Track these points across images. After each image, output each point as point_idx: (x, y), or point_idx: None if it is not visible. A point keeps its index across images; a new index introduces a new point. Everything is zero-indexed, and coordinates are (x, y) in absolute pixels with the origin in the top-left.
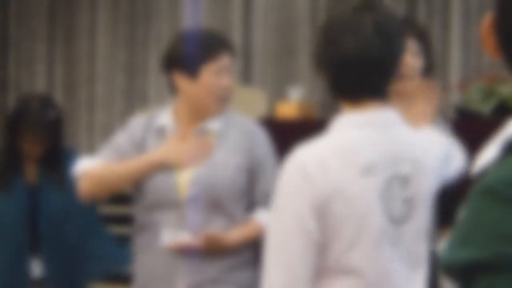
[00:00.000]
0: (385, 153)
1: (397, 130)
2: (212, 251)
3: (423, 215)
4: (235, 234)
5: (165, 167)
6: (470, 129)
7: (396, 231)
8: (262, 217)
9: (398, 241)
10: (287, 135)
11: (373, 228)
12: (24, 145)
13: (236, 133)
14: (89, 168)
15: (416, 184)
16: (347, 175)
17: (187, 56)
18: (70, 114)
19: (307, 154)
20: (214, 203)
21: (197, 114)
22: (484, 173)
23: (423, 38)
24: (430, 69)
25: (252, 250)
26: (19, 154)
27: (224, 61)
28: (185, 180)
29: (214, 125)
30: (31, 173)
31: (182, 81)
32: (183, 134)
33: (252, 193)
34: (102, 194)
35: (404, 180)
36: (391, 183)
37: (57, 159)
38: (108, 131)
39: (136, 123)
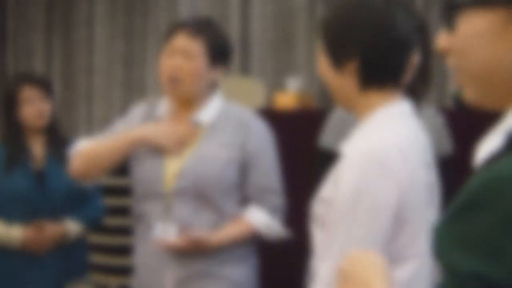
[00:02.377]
0: (419, 141)
1: (415, 120)
2: (196, 251)
3: (437, 203)
4: (222, 234)
5: (145, 144)
6: (468, 119)
7: (425, 218)
8: (254, 216)
9: (426, 228)
10: (285, 125)
11: (427, 215)
12: (27, 113)
13: (229, 126)
14: (82, 147)
15: (433, 170)
16: (415, 166)
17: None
18: (68, 105)
19: (380, 148)
20: (201, 196)
21: (182, 102)
22: (487, 163)
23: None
24: (427, 61)
25: (244, 246)
26: (22, 133)
27: (177, 41)
28: (172, 172)
29: (206, 116)
30: (38, 153)
31: None
32: (177, 123)
33: (245, 187)
34: (92, 171)
35: (428, 166)
36: (423, 170)
37: (60, 136)
38: (106, 122)
39: (136, 111)
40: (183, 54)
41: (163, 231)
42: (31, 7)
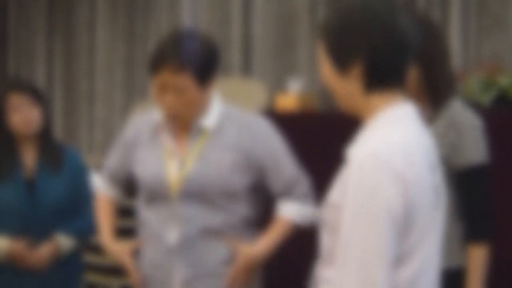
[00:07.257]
0: (423, 144)
1: (418, 122)
2: (252, 269)
3: (444, 204)
4: (266, 241)
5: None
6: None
7: (432, 219)
8: (287, 210)
9: (433, 228)
10: (287, 127)
11: (434, 216)
12: (15, 121)
13: (231, 129)
14: (97, 191)
15: (439, 172)
16: (422, 168)
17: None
18: (70, 108)
19: (386, 151)
20: (207, 200)
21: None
22: None
23: None
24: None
25: None
26: (13, 142)
27: (163, 77)
28: (176, 177)
29: (208, 121)
30: (29, 162)
31: None
32: (176, 131)
33: (271, 188)
34: None
35: (433, 168)
36: (428, 172)
37: (51, 144)
38: (108, 125)
39: (131, 126)
40: (173, 89)
41: (171, 235)
42: (33, 9)
